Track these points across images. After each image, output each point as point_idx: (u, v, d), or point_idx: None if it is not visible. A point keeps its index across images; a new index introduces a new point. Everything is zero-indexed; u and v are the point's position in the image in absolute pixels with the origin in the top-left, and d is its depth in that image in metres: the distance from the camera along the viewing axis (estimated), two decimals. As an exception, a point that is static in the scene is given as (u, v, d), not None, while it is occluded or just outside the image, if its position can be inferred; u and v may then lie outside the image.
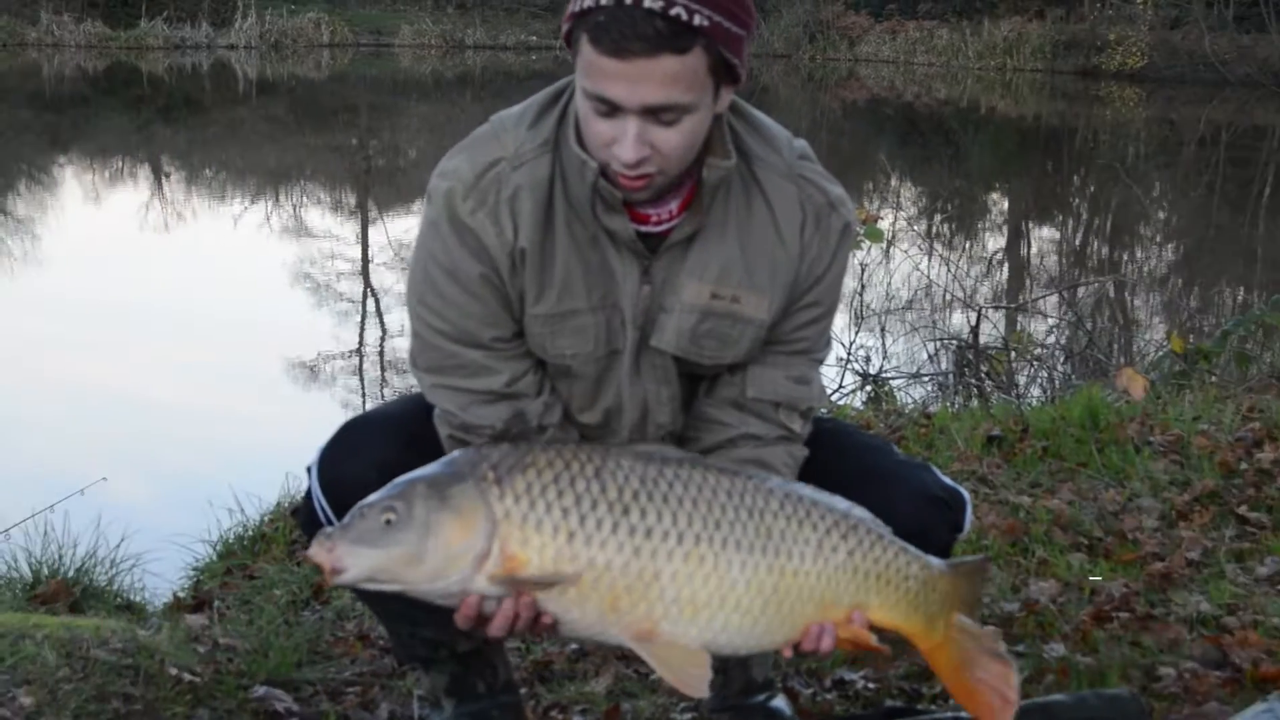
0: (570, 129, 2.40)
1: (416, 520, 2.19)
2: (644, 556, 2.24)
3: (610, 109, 2.24)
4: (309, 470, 2.63)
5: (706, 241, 2.46)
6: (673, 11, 2.17)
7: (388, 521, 2.19)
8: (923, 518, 2.55)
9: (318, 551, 2.19)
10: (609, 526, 2.23)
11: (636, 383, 2.56)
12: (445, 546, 2.19)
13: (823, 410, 2.80)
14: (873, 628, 2.40)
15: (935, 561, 2.45)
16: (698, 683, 2.26)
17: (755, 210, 2.48)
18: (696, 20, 2.18)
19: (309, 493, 2.63)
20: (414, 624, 2.77)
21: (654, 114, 2.23)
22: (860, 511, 2.41)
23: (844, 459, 2.66)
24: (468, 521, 2.20)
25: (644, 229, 2.44)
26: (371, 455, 2.53)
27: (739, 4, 2.27)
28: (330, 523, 2.48)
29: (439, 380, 2.53)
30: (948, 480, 2.69)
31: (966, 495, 2.68)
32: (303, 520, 2.69)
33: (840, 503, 2.40)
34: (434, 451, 2.45)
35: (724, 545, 2.28)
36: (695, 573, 2.26)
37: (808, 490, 2.41)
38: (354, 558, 2.18)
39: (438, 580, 2.21)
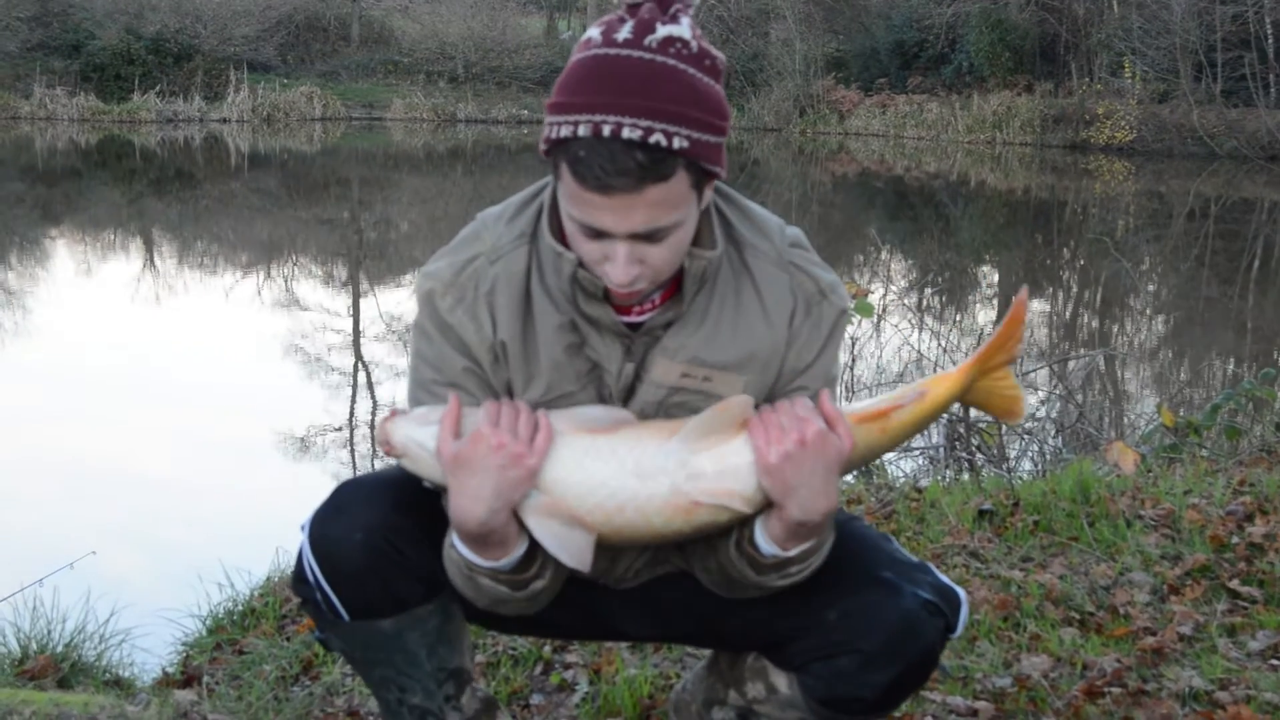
0: (545, 222, 2.40)
1: None
2: None
3: (597, 232, 2.23)
4: (302, 528, 2.64)
5: (685, 325, 2.44)
6: (652, 139, 2.12)
7: None
8: (913, 620, 2.49)
9: None
10: None
11: None
12: None
13: None
14: None
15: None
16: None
17: (744, 296, 2.46)
18: (676, 144, 2.14)
19: (300, 550, 2.63)
20: (402, 690, 2.76)
21: (643, 236, 2.21)
22: None
23: (837, 555, 2.57)
24: None
25: (626, 320, 2.44)
26: (358, 517, 2.53)
27: (713, 110, 2.22)
28: (317, 581, 2.55)
29: None
30: (944, 579, 2.60)
31: (963, 595, 2.59)
32: (294, 578, 2.69)
33: None
34: (425, 516, 2.48)
35: None
36: None
37: None
38: None
39: None
